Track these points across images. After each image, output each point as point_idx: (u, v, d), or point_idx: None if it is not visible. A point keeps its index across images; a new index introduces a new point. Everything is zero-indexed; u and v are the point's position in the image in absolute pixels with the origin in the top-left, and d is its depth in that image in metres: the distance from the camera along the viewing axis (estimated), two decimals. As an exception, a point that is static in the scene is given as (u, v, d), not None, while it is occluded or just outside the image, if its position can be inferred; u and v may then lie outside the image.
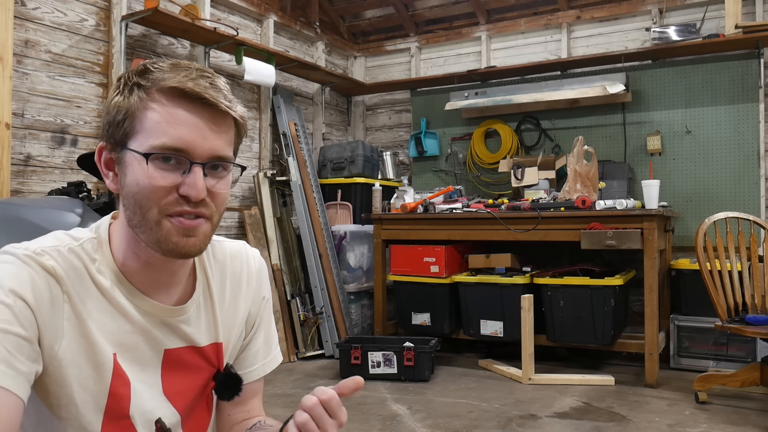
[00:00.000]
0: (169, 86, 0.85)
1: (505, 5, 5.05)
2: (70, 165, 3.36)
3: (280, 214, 4.58)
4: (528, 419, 3.00)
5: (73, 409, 0.87)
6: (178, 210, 0.87)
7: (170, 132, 0.85)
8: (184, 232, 0.87)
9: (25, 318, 0.80)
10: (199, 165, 0.86)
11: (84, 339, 0.87)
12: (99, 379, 0.88)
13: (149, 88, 0.86)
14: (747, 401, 3.24)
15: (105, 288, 0.90)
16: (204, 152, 0.87)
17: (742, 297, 3.24)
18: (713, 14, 4.30)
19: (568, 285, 3.77)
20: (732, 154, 4.22)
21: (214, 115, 0.88)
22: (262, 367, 1.12)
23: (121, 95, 0.87)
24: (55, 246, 0.88)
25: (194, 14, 3.80)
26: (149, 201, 0.86)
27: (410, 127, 5.40)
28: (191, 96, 0.85)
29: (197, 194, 0.86)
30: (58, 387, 0.86)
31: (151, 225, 0.87)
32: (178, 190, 0.86)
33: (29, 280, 0.82)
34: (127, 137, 0.87)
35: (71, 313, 0.86)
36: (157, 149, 0.85)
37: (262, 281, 1.13)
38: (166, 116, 0.85)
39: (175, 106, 0.86)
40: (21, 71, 3.16)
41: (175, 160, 0.86)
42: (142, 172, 0.85)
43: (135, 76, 0.87)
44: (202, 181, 0.86)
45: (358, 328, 4.64)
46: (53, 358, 0.84)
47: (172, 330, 0.96)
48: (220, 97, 0.87)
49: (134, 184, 0.86)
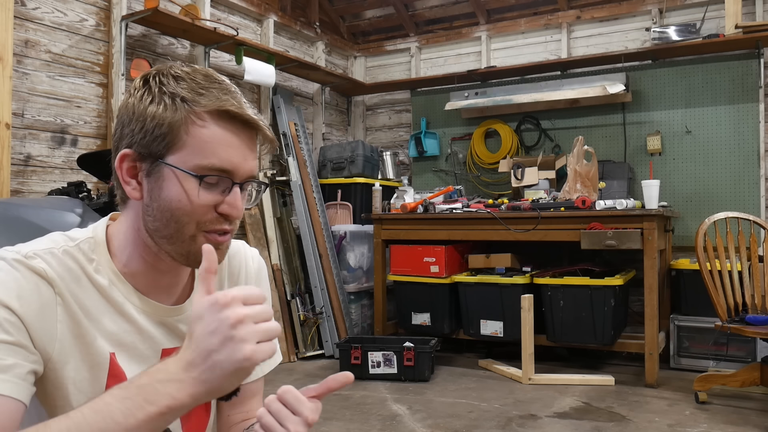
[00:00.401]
0: (216, 108, 0.86)
1: (505, 5, 5.05)
2: (70, 165, 3.36)
3: (280, 214, 4.59)
4: (528, 419, 3.00)
5: (69, 410, 0.87)
6: (217, 228, 0.89)
7: (220, 155, 0.86)
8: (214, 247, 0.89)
9: (11, 324, 0.80)
10: (238, 185, 0.89)
11: (79, 340, 0.87)
12: (94, 381, 0.88)
13: (194, 104, 0.86)
14: (747, 401, 3.24)
15: (103, 287, 0.90)
16: (245, 173, 0.89)
17: (742, 297, 3.24)
18: (713, 14, 4.30)
19: (568, 285, 3.77)
20: (732, 154, 4.22)
21: (252, 136, 0.90)
22: (261, 368, 1.11)
23: (160, 105, 0.86)
24: (49, 248, 0.88)
25: (194, 14, 3.80)
26: (189, 217, 0.87)
27: (410, 127, 5.40)
28: (237, 119, 0.87)
29: (238, 213, 0.89)
30: (54, 389, 0.86)
31: (185, 239, 0.88)
32: (217, 209, 0.88)
33: (15, 286, 0.82)
34: (167, 152, 0.86)
35: (65, 315, 0.86)
36: (206, 170, 0.86)
37: (260, 281, 1.12)
38: (214, 137, 0.86)
39: (222, 128, 0.86)
40: (21, 71, 3.16)
41: (219, 180, 0.87)
42: (187, 189, 0.86)
43: (173, 84, 0.87)
44: (241, 200, 0.90)
45: (358, 328, 4.64)
46: (49, 361, 0.84)
47: (170, 330, 0.96)
48: (260, 120, 0.90)
49: (174, 200, 0.86)
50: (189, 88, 0.86)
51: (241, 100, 0.89)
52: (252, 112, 0.89)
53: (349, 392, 3.47)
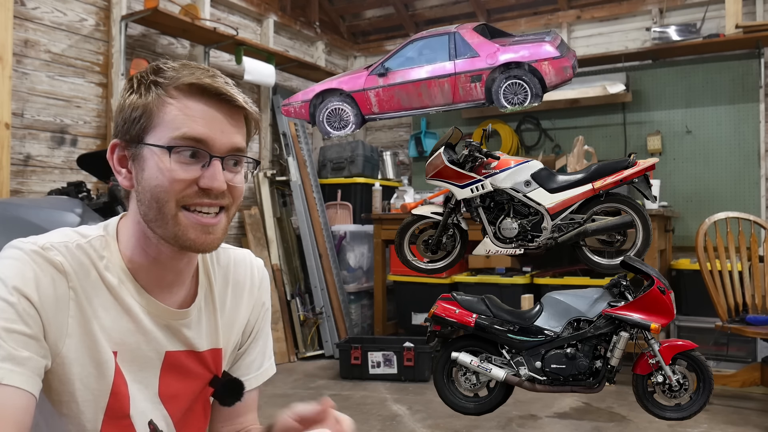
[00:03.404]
0: (187, 82, 0.87)
1: (505, 5, 5.05)
2: (69, 165, 3.36)
3: (280, 214, 4.58)
4: (528, 419, 3.00)
5: (74, 406, 0.87)
6: (197, 202, 0.88)
7: (190, 124, 0.86)
8: (203, 229, 0.89)
9: (29, 316, 0.80)
10: (218, 158, 0.88)
11: (88, 337, 0.87)
12: (101, 378, 0.88)
13: (167, 86, 0.87)
14: (747, 401, 3.24)
15: (112, 285, 0.90)
16: (223, 146, 0.88)
17: (743, 297, 3.23)
18: (713, 14, 4.30)
19: (568, 285, 3.76)
20: (732, 154, 4.22)
21: (231, 110, 0.90)
22: (255, 378, 1.10)
23: (137, 93, 0.88)
24: (63, 242, 0.88)
25: (194, 14, 3.80)
26: (167, 194, 0.86)
27: (410, 127, 5.40)
28: (209, 91, 0.87)
29: (219, 186, 0.87)
30: (61, 384, 0.86)
31: (168, 219, 0.87)
32: (198, 184, 0.87)
33: (33, 277, 0.82)
34: (144, 133, 0.88)
35: (77, 311, 0.86)
36: (177, 141, 0.86)
37: (263, 291, 1.12)
38: (184, 110, 0.87)
39: (194, 101, 0.87)
40: (21, 71, 3.15)
41: (195, 154, 0.87)
42: (162, 165, 0.86)
43: (150, 74, 0.89)
44: (222, 173, 0.88)
45: (358, 328, 4.63)
46: (57, 356, 0.84)
47: (174, 333, 0.96)
48: (236, 94, 0.89)
49: (153, 178, 0.87)
50: (166, 76, 0.88)
51: (219, 78, 0.89)
52: (228, 87, 0.88)
53: (349, 392, 3.47)
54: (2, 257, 0.85)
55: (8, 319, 0.79)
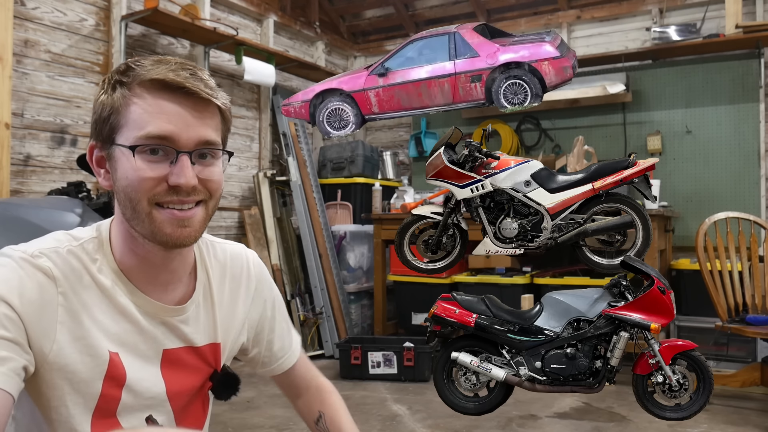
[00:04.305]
0: (149, 78, 0.86)
1: (505, 5, 5.05)
2: (69, 165, 3.36)
3: (280, 214, 4.58)
4: (528, 419, 3.00)
5: (64, 410, 0.87)
6: (168, 200, 0.87)
7: (153, 122, 0.85)
8: (178, 223, 0.88)
9: (9, 321, 0.80)
10: (185, 154, 0.87)
11: (79, 342, 0.87)
12: (91, 381, 0.88)
13: (130, 84, 0.87)
14: (747, 401, 3.24)
15: (106, 287, 0.90)
16: (189, 140, 0.87)
17: (743, 297, 3.23)
18: (713, 14, 4.30)
19: (568, 285, 3.76)
20: (732, 154, 4.22)
21: (197, 103, 0.88)
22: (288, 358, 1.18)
23: (105, 93, 0.88)
24: (54, 247, 0.88)
25: (194, 14, 3.80)
26: (138, 193, 0.86)
27: (410, 127, 5.40)
28: (172, 86, 0.86)
29: (186, 182, 0.86)
30: (49, 389, 0.86)
31: (143, 217, 0.87)
32: (167, 181, 0.86)
33: (18, 284, 0.82)
34: (114, 133, 0.87)
35: (66, 316, 0.86)
36: (141, 140, 0.85)
37: (263, 284, 1.13)
38: (147, 108, 0.86)
39: (157, 98, 0.86)
40: (21, 71, 3.15)
41: (161, 151, 0.86)
42: (129, 165, 0.86)
43: (117, 74, 0.88)
44: (190, 169, 0.87)
45: (358, 328, 4.63)
46: (44, 362, 0.84)
47: (171, 330, 0.96)
48: (200, 86, 0.87)
49: (124, 178, 0.87)
50: (131, 74, 0.87)
51: (186, 73, 0.87)
52: (193, 79, 0.87)
53: (349, 392, 3.47)
54: None
55: None
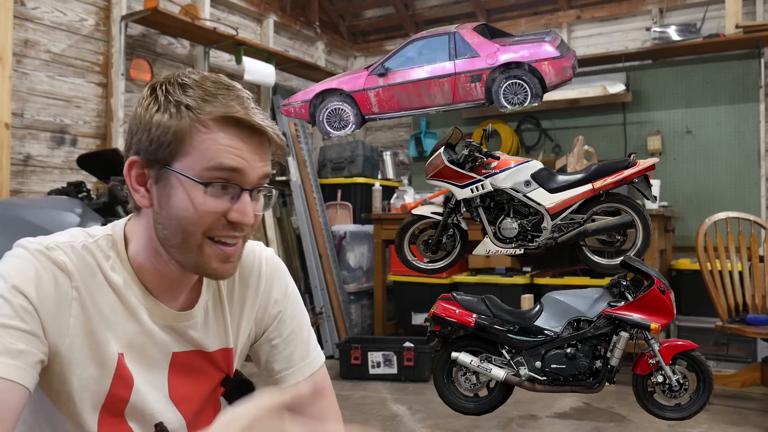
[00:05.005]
0: (221, 114, 0.85)
1: (505, 5, 5.04)
2: (69, 165, 3.36)
3: (280, 214, 4.58)
4: (528, 419, 3.00)
5: (71, 406, 0.87)
6: (224, 234, 0.88)
7: (224, 160, 0.85)
8: (224, 259, 0.89)
9: (26, 313, 0.81)
10: (247, 191, 0.87)
11: (89, 338, 0.87)
12: (100, 379, 0.88)
13: (198, 112, 0.85)
14: (747, 401, 3.23)
15: (117, 285, 0.90)
16: (253, 178, 0.88)
17: (743, 297, 3.23)
18: (713, 14, 4.30)
19: (568, 285, 3.76)
20: (732, 154, 4.22)
21: (261, 141, 0.89)
22: (300, 370, 1.05)
23: (166, 113, 0.85)
24: (69, 242, 0.88)
25: (194, 14, 3.80)
26: (195, 226, 0.86)
27: (410, 127, 5.40)
28: (243, 123, 0.86)
29: (248, 221, 0.88)
30: (60, 383, 0.86)
31: (192, 249, 0.87)
32: (226, 217, 0.87)
33: (34, 276, 0.83)
34: (172, 158, 0.85)
35: (79, 311, 0.86)
36: (211, 176, 0.84)
37: (274, 282, 1.07)
38: (220, 143, 0.85)
39: (228, 134, 0.85)
40: (20, 71, 3.15)
41: (226, 187, 0.86)
42: (190, 196, 0.85)
43: (179, 93, 0.86)
44: (251, 206, 0.88)
45: (358, 328, 4.63)
46: (56, 355, 0.84)
47: (180, 334, 0.96)
48: (268, 126, 0.88)
49: (181, 208, 0.86)
50: (195, 96, 0.85)
51: (249, 105, 0.87)
52: (260, 117, 0.87)
53: (349, 392, 3.47)
54: (8, 255, 0.85)
55: (5, 315, 0.79)
